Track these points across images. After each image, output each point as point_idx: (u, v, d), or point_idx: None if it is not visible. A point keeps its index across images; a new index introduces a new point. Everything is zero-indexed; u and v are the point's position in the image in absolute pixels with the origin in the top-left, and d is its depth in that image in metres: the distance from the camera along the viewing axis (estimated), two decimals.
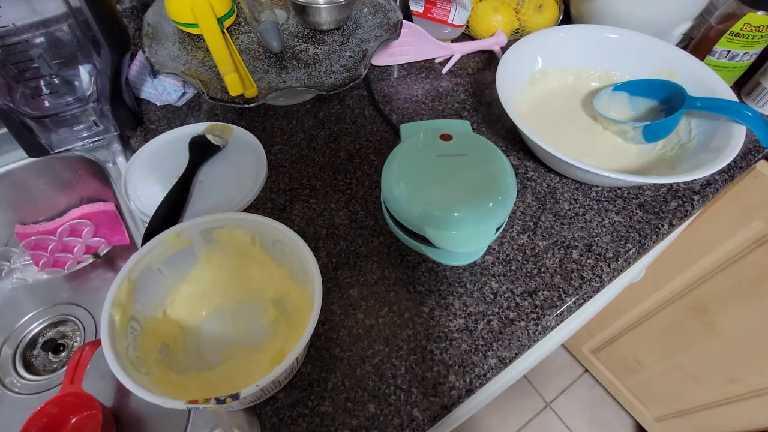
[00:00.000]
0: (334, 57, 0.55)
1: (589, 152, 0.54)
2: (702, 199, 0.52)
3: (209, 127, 0.54)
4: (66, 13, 0.49)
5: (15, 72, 0.50)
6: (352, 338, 0.41)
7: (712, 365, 0.87)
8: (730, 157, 0.45)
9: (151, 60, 0.51)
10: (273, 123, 0.58)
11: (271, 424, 0.36)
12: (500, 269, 0.45)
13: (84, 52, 0.52)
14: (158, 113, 0.59)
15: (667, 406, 1.03)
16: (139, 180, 0.51)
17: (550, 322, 0.42)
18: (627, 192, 0.52)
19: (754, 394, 0.82)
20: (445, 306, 0.43)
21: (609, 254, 0.46)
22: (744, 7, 0.53)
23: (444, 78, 0.65)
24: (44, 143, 0.54)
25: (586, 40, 0.59)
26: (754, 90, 0.59)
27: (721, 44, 0.56)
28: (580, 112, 0.59)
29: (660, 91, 0.55)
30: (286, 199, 0.51)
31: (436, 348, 0.40)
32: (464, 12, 0.63)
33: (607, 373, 1.17)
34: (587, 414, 1.25)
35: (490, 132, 0.58)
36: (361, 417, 0.37)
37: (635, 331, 0.99)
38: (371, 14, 0.60)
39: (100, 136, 0.57)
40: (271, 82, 0.51)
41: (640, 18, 0.60)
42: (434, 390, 0.38)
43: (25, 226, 0.61)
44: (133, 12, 0.61)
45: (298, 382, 0.38)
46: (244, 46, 0.55)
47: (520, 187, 0.52)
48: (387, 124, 0.58)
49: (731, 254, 0.72)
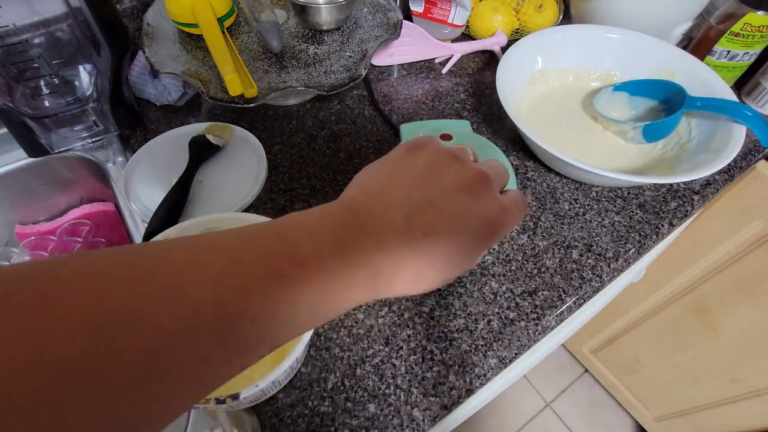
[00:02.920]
0: (334, 57, 0.55)
1: (589, 152, 0.54)
2: (702, 199, 0.52)
3: (209, 127, 0.54)
4: (66, 13, 0.49)
5: (15, 72, 0.50)
6: (352, 338, 0.41)
7: (712, 365, 0.87)
8: (730, 157, 0.45)
9: (151, 60, 0.51)
10: (273, 123, 0.58)
11: (271, 424, 0.36)
12: (500, 269, 0.45)
13: (84, 52, 0.52)
14: (158, 113, 0.59)
15: (667, 406, 1.03)
16: (139, 180, 0.51)
17: (550, 322, 0.42)
18: (627, 192, 0.52)
19: (754, 394, 0.82)
20: (445, 306, 0.43)
21: (609, 254, 0.46)
22: (744, 7, 0.53)
23: (444, 78, 0.65)
24: (44, 143, 0.54)
25: (586, 40, 0.59)
26: (754, 90, 0.59)
27: (721, 44, 0.56)
28: (580, 112, 0.59)
29: (660, 91, 0.55)
30: (286, 199, 0.50)
31: (436, 348, 0.40)
32: (464, 12, 0.63)
33: (607, 373, 1.17)
34: (587, 414, 1.25)
35: (490, 132, 0.58)
36: (361, 417, 0.37)
37: (635, 331, 0.99)
38: (371, 14, 0.60)
39: (100, 136, 0.57)
40: (271, 82, 0.51)
41: (640, 18, 0.60)
42: (434, 390, 0.38)
43: (25, 226, 0.61)
44: (133, 12, 0.61)
45: (298, 382, 0.38)
46: (244, 46, 0.55)
47: (520, 187, 0.52)
48: (387, 124, 0.58)
49: (731, 254, 0.72)
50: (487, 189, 0.23)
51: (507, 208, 0.24)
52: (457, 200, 0.22)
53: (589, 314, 0.71)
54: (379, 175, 0.24)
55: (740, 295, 0.74)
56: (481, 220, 0.23)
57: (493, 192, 0.24)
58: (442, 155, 0.24)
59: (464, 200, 0.22)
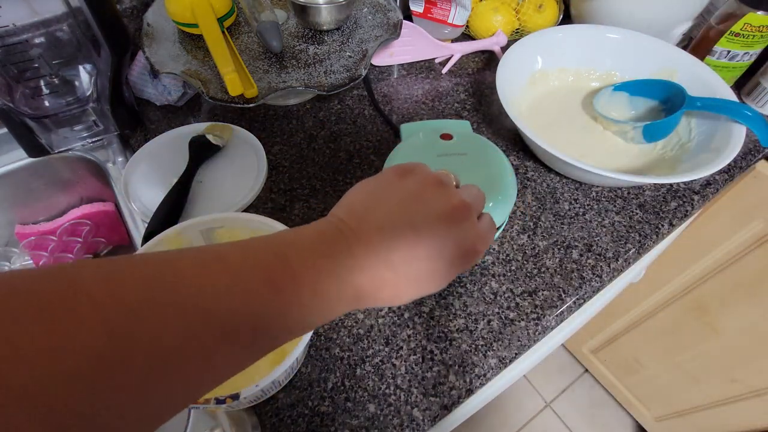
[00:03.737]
0: (334, 57, 0.55)
1: (589, 152, 0.54)
2: (702, 199, 0.52)
3: (209, 127, 0.54)
4: (66, 13, 0.49)
5: (15, 72, 0.50)
6: (352, 338, 0.41)
7: (712, 365, 0.87)
8: (730, 157, 0.45)
9: (151, 60, 0.51)
10: (273, 123, 0.58)
11: (271, 424, 0.36)
12: (500, 269, 0.45)
13: (84, 52, 0.52)
14: (158, 113, 0.59)
15: (667, 406, 1.03)
16: (139, 180, 0.51)
17: (550, 322, 0.42)
18: (627, 192, 0.52)
19: (754, 394, 0.82)
20: (445, 306, 0.43)
21: (609, 254, 0.46)
22: (744, 7, 0.53)
23: (444, 78, 0.65)
24: (44, 143, 0.54)
25: (586, 40, 0.59)
26: (754, 90, 0.59)
27: (721, 44, 0.56)
28: (580, 112, 0.59)
29: (660, 91, 0.55)
30: (286, 199, 0.50)
31: (436, 348, 0.40)
32: (464, 12, 0.63)
33: (607, 373, 1.17)
34: (587, 414, 1.25)
35: (490, 132, 0.58)
36: (361, 417, 0.37)
37: (635, 331, 0.99)
38: (371, 14, 0.60)
39: (100, 136, 0.57)
40: (271, 82, 0.51)
41: (640, 18, 0.60)
42: (434, 390, 0.38)
43: (25, 226, 0.61)
44: (133, 12, 0.61)
45: (298, 382, 0.38)
46: (244, 46, 0.55)
47: (520, 187, 0.52)
48: (387, 124, 0.58)
49: (731, 254, 0.72)
50: (467, 218, 0.25)
51: (483, 235, 0.26)
52: (438, 228, 0.24)
53: (589, 314, 0.71)
54: (367, 197, 0.25)
55: (740, 295, 0.74)
56: (459, 247, 0.25)
57: (472, 221, 0.26)
58: (429, 182, 0.26)
59: (444, 229, 0.24)
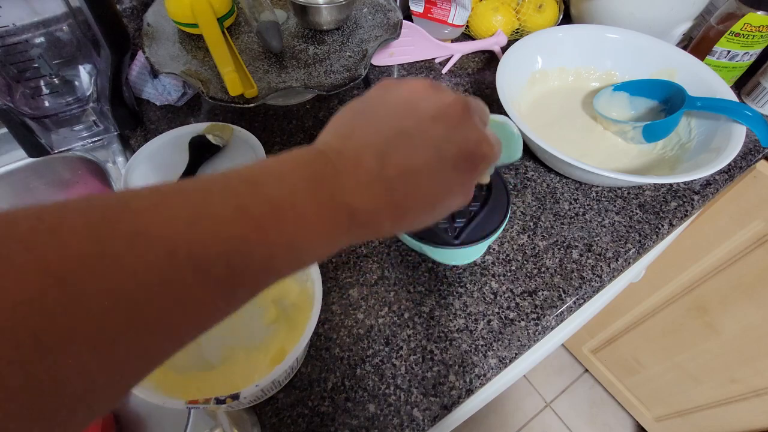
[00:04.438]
0: (334, 57, 0.55)
1: (589, 152, 0.54)
2: (702, 199, 0.52)
3: (209, 127, 0.54)
4: (66, 13, 0.49)
5: (15, 72, 0.50)
6: (352, 338, 0.41)
7: (712, 365, 0.87)
8: (730, 157, 0.45)
9: (151, 60, 0.51)
10: (273, 123, 0.58)
11: (271, 424, 0.36)
12: (500, 269, 0.45)
13: (84, 52, 0.52)
14: (158, 113, 0.59)
15: (667, 406, 1.03)
16: (139, 180, 0.51)
17: (550, 322, 0.42)
18: (627, 192, 0.52)
19: (754, 394, 0.82)
20: (445, 306, 0.43)
21: (609, 254, 0.46)
22: (744, 7, 0.53)
23: (444, 78, 0.65)
24: (44, 143, 0.54)
25: (586, 40, 0.59)
26: (754, 90, 0.59)
27: (721, 44, 0.56)
28: (580, 112, 0.59)
29: (660, 91, 0.55)
30: None
31: (436, 348, 0.40)
32: (464, 12, 0.63)
33: (607, 373, 1.17)
34: (587, 414, 1.25)
35: None
36: (361, 417, 0.37)
37: (635, 331, 0.99)
38: (371, 14, 0.60)
39: (100, 136, 0.57)
40: (271, 82, 0.51)
41: (640, 18, 0.60)
42: (434, 390, 0.38)
43: None
44: (133, 12, 0.61)
45: (298, 382, 0.38)
46: (244, 46, 0.55)
47: (521, 187, 0.52)
48: None
49: (731, 254, 0.72)
50: (465, 116, 0.22)
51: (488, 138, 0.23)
52: (433, 129, 0.21)
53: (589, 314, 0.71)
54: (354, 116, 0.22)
55: (740, 295, 0.74)
56: (461, 149, 0.21)
57: (472, 119, 0.22)
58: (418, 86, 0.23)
59: (440, 129, 0.21)
